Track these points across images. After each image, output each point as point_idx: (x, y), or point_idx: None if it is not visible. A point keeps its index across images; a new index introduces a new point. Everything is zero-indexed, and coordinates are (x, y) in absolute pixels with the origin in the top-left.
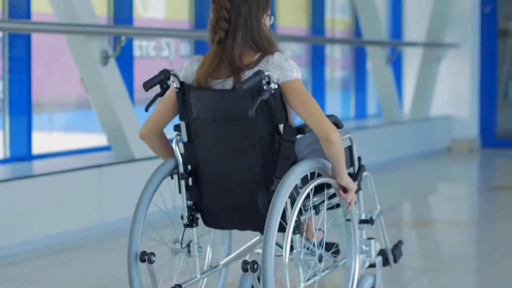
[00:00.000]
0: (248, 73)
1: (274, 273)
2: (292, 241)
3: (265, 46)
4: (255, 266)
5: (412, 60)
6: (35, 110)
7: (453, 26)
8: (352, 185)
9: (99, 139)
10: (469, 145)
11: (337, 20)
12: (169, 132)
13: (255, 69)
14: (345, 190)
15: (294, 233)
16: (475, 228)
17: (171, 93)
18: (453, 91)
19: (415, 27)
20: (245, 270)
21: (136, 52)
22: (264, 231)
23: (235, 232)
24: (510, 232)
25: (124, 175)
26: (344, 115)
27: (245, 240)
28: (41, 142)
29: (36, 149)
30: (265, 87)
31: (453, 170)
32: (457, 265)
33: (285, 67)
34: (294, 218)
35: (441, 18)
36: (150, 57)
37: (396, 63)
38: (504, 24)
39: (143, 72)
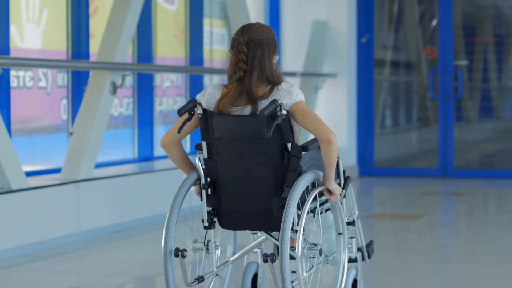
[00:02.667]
0: (263, 102)
1: (289, 265)
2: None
3: (274, 80)
4: (274, 258)
5: None
6: None
7: (330, 56)
8: (337, 190)
9: None
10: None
11: (215, 50)
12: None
13: (269, 98)
14: (330, 192)
15: (295, 232)
16: None
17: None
18: (331, 120)
19: (292, 57)
20: (265, 261)
21: (13, 83)
22: (280, 231)
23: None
24: (388, 260)
25: (1, 206)
26: None
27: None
28: None
29: None
30: (278, 113)
31: None
32: None
33: (292, 92)
34: (304, 218)
35: (318, 48)
36: (27, 87)
37: None
38: (380, 54)
39: (20, 102)
